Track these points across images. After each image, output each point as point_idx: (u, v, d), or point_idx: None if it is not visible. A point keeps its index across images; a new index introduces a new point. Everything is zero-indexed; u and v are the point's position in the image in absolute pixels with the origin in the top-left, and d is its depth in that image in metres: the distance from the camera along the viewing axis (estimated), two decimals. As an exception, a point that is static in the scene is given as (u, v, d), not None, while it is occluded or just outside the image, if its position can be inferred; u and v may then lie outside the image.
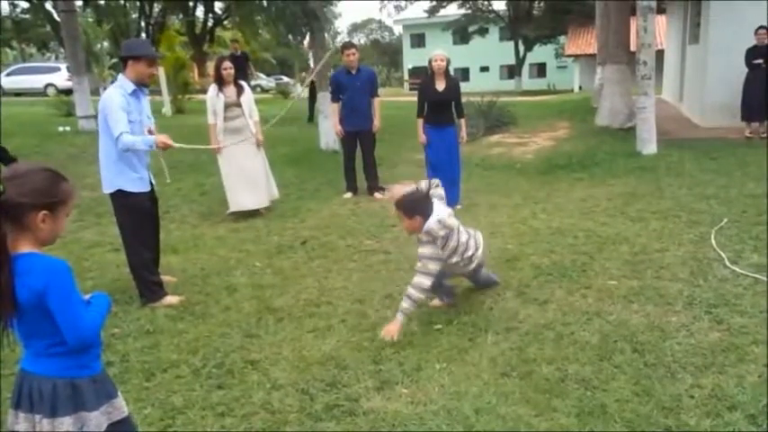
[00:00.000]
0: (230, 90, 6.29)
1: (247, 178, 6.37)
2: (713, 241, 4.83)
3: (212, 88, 6.35)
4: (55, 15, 23.12)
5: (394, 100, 19.68)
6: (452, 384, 2.96)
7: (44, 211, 1.70)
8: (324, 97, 11.10)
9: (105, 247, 5.48)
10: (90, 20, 27.90)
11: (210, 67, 26.99)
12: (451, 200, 6.49)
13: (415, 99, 6.62)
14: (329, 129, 11.03)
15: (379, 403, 2.84)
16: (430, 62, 6.30)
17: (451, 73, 6.48)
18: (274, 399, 2.93)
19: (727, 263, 4.36)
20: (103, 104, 3.94)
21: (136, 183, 4.08)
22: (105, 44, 29.66)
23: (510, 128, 12.42)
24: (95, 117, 14.32)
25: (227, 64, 6.29)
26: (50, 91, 24.73)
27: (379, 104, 7.37)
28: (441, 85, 6.26)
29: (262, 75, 34.06)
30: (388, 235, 5.64)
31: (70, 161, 9.37)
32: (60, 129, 12.34)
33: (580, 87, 31.31)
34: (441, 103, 6.31)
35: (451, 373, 3.07)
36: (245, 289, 4.38)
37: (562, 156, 9.07)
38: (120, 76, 4.05)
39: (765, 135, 9.21)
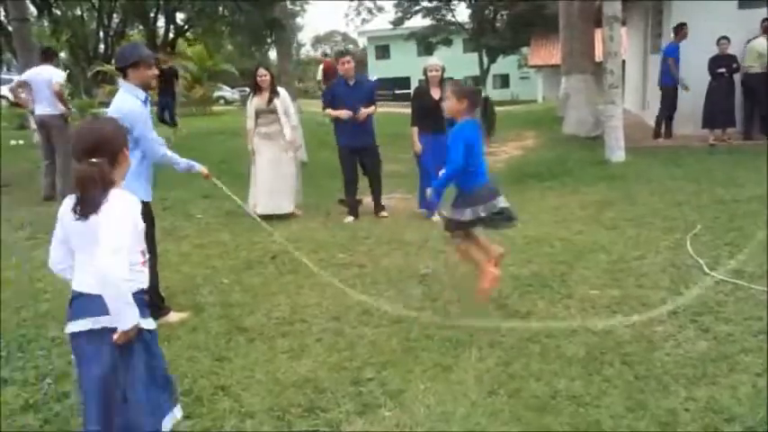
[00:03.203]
0: (262, 97, 6.45)
1: (271, 183, 6.53)
2: (689, 248, 4.80)
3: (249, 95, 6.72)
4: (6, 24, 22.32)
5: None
6: (438, 405, 2.80)
7: None
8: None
9: (61, 267, 5.15)
10: (46, 31, 27.10)
11: (172, 78, 26.43)
12: (432, 206, 6.43)
13: (386, 110, 6.51)
14: (298, 140, 10.83)
15: (362, 428, 2.66)
16: (425, 71, 6.36)
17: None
18: (248, 427, 2.72)
19: (706, 269, 4.32)
20: (122, 113, 3.51)
21: (149, 192, 3.86)
22: (62, 55, 28.83)
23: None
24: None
25: (263, 71, 6.46)
26: (2, 103, 23.82)
27: (373, 111, 6.61)
28: (436, 94, 6.25)
29: (225, 87, 33.52)
30: (361, 247, 5.47)
31: (24, 176, 8.97)
32: (12, 142, 11.83)
33: (543, 98, 31.76)
34: (436, 111, 6.28)
35: (437, 393, 2.91)
36: (213, 308, 4.15)
37: (532, 164, 9.06)
38: (126, 84, 3.76)
39: (730, 140, 9.38)
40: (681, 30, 9.61)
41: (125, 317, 2.04)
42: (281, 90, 6.57)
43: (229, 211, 6.78)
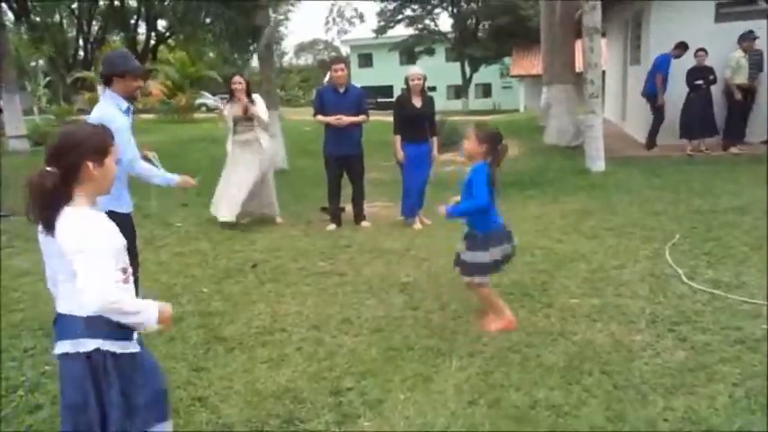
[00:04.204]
0: (239, 105, 6.41)
1: (252, 190, 6.49)
2: (668, 257, 4.85)
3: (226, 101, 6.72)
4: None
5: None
6: (418, 416, 2.78)
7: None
8: (272, 116, 10.87)
9: (37, 276, 5.04)
10: (24, 37, 26.76)
11: (152, 85, 26.29)
12: (412, 211, 6.46)
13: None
14: (278, 148, 10.80)
15: (341, 440, 2.63)
16: (407, 80, 6.38)
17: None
18: (225, 439, 2.68)
19: (684, 279, 4.36)
20: (101, 122, 3.53)
21: (126, 203, 3.75)
22: (40, 62, 28.50)
23: (460, 146, 12.46)
24: (28, 137, 13.53)
25: (238, 79, 6.42)
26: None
27: (365, 121, 6.53)
28: (418, 102, 6.33)
29: (207, 94, 33.34)
30: (342, 256, 5.45)
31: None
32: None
33: (525, 107, 32.03)
34: (418, 120, 6.31)
35: (416, 403, 2.89)
36: (192, 317, 4.09)
37: (513, 174, 9.08)
38: (109, 92, 3.69)
39: (708, 150, 9.52)
40: (680, 47, 9.67)
41: (145, 320, 1.97)
42: (256, 97, 6.53)
43: (209, 219, 6.73)
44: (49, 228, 1.91)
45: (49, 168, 1.90)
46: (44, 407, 2.97)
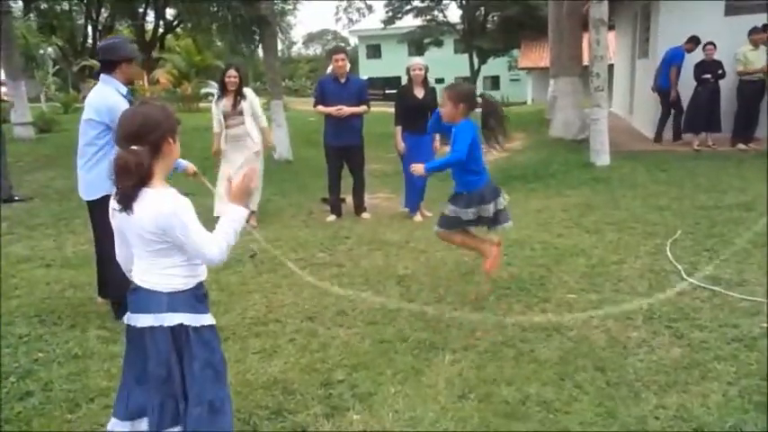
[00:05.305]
0: (229, 99, 6.22)
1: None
2: (669, 253, 4.80)
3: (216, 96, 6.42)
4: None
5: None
6: (407, 409, 2.76)
7: None
8: (276, 105, 10.86)
9: (35, 263, 5.08)
10: (32, 24, 26.78)
11: (159, 74, 26.28)
12: (415, 206, 6.44)
13: (376, 110, 6.46)
14: (282, 138, 10.80)
15: (329, 432, 2.62)
16: (408, 70, 6.33)
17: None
18: (213, 430, 2.66)
19: (684, 275, 4.31)
20: (107, 107, 3.62)
21: None
22: (49, 50, 28.53)
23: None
24: (33, 124, 13.56)
25: (232, 72, 6.21)
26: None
27: (366, 112, 6.52)
28: (420, 93, 6.29)
29: (213, 83, 33.32)
30: (341, 247, 5.43)
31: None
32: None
33: (533, 100, 31.85)
34: (420, 111, 6.27)
35: (407, 396, 2.87)
36: (187, 307, 4.08)
37: (517, 167, 9.05)
38: (108, 77, 3.75)
39: (715, 146, 9.41)
40: (692, 41, 9.53)
41: (240, 219, 2.15)
42: (247, 91, 6.31)
43: (209, 208, 6.70)
44: (128, 206, 1.96)
45: (135, 147, 1.95)
46: (34, 393, 2.96)
